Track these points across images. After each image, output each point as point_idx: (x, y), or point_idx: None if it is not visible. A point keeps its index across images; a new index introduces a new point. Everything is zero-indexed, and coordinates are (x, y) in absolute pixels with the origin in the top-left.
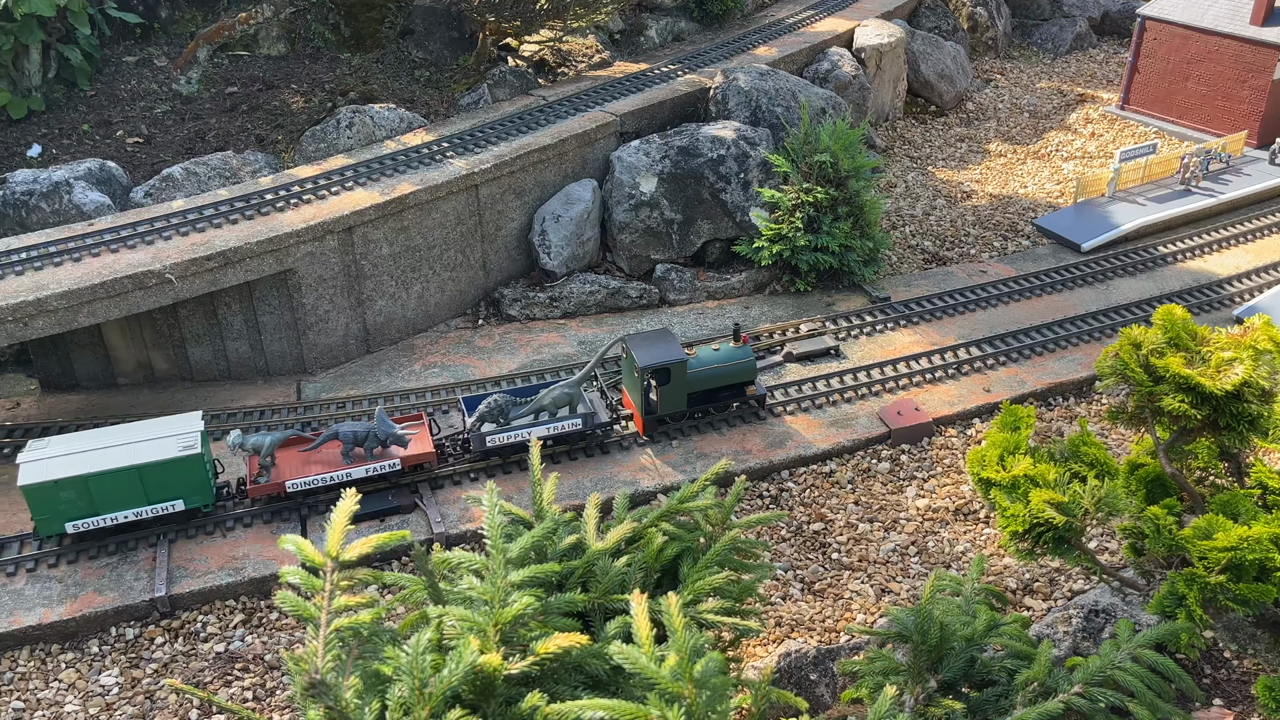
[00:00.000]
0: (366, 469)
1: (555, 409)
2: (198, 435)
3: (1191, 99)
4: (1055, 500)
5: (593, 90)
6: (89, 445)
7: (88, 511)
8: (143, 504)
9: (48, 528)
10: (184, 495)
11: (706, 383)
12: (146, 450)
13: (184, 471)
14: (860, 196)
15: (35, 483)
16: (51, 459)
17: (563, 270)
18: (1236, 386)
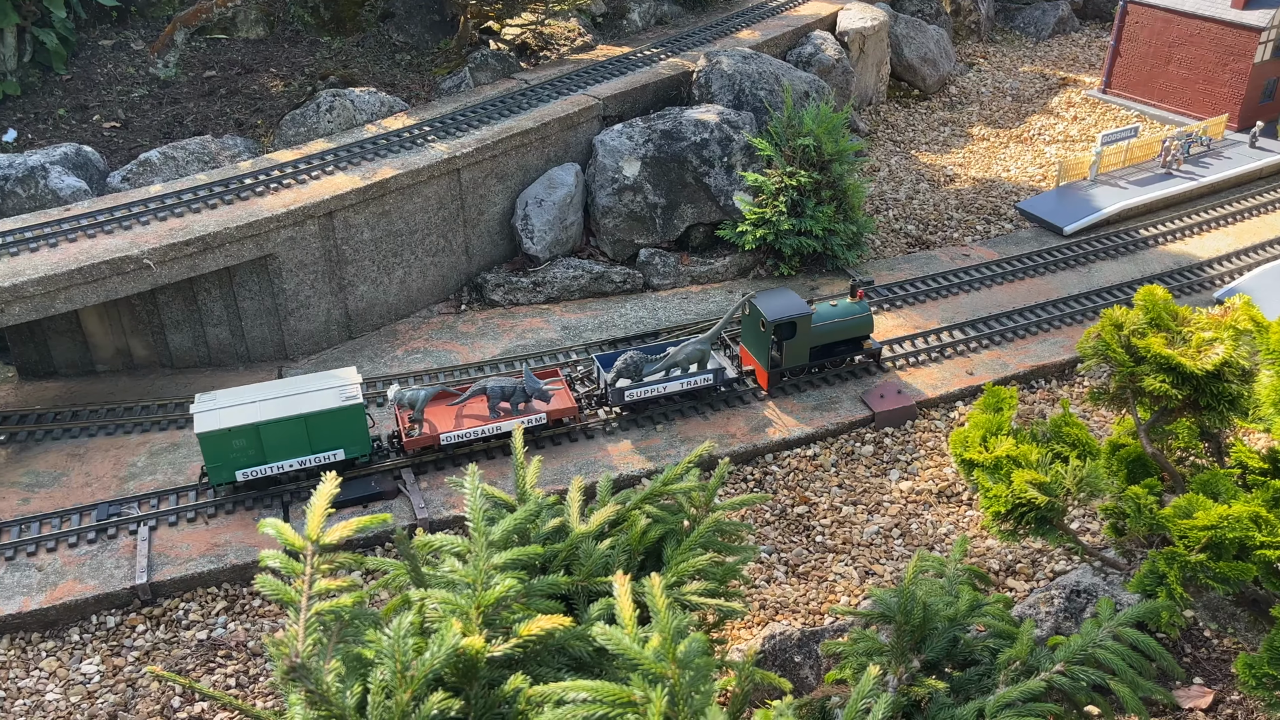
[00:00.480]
0: (513, 422)
1: (687, 365)
2: (358, 386)
3: (1173, 82)
4: (1037, 480)
5: (575, 73)
6: (255, 397)
7: (257, 460)
8: (307, 453)
9: (219, 475)
10: (345, 445)
11: (827, 336)
12: (312, 400)
13: (346, 421)
14: (843, 180)
15: (210, 430)
16: (222, 409)
17: (546, 255)
18: (1217, 366)
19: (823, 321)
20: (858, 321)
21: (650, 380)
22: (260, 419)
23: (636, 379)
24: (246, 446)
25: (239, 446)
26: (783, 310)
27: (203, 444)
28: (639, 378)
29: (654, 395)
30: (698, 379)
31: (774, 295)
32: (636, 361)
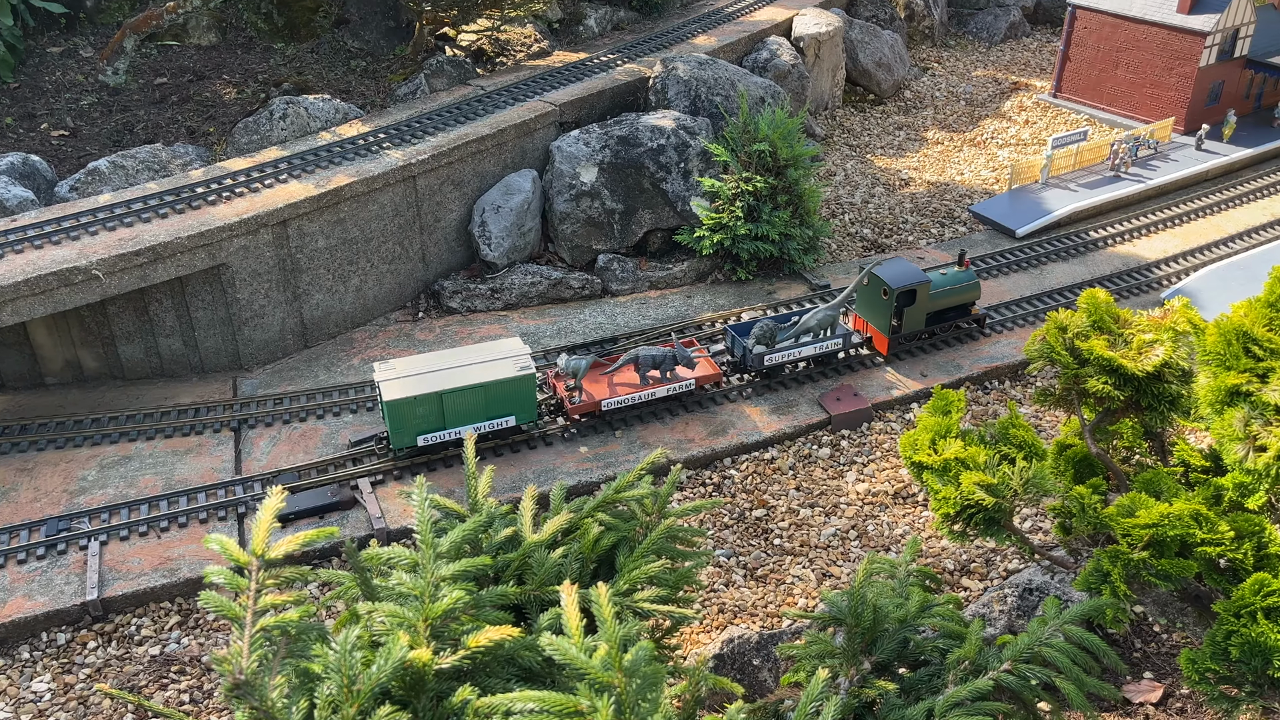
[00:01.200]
0: (667, 388)
1: (819, 330)
2: (529, 356)
3: (1121, 86)
4: (985, 482)
5: (531, 80)
6: (433, 366)
7: (437, 425)
8: (482, 419)
9: (400, 440)
10: (515, 412)
11: (942, 302)
12: (490, 370)
13: (519, 390)
14: (799, 185)
15: (397, 399)
16: (405, 378)
17: (504, 261)
18: (1157, 367)
19: (938, 289)
20: (967, 288)
21: (784, 345)
22: (444, 387)
23: (771, 345)
24: (428, 414)
25: (422, 414)
26: (904, 278)
27: (389, 411)
28: (773, 344)
29: (790, 359)
30: (828, 343)
31: (893, 264)
32: (770, 329)
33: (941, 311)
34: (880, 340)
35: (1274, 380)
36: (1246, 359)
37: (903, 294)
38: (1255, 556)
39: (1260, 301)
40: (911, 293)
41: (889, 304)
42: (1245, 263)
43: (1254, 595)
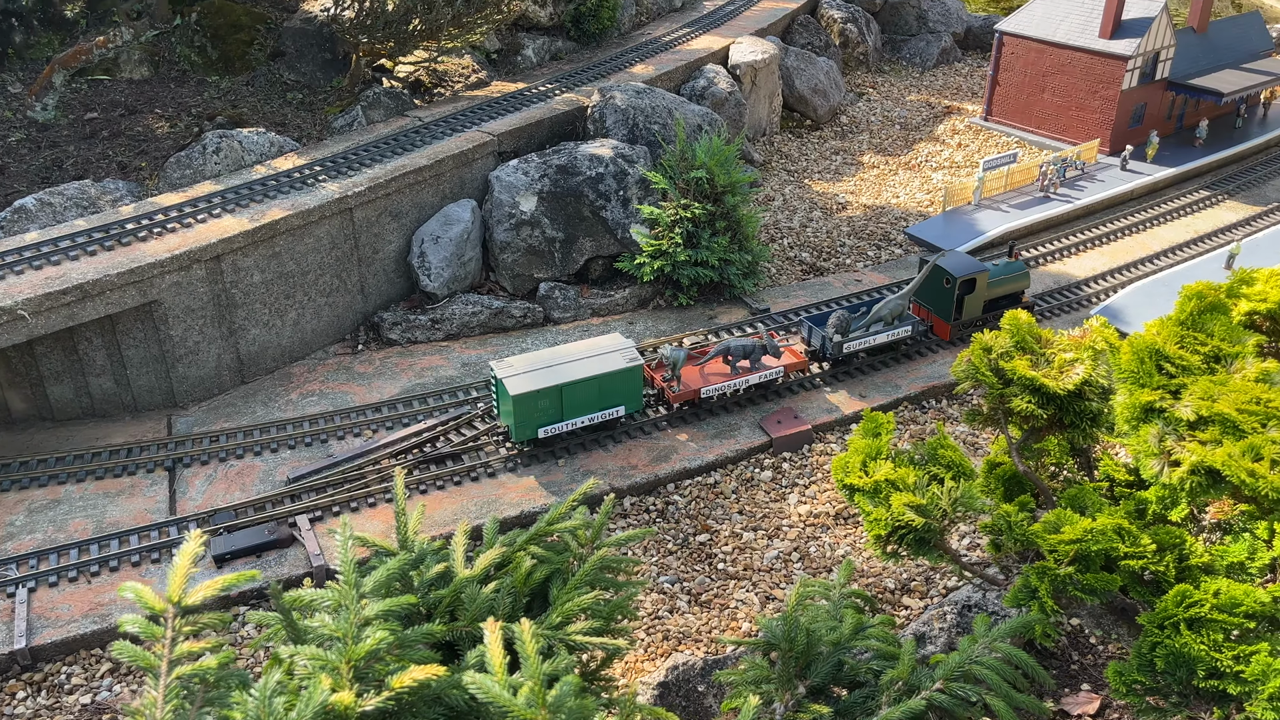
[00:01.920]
0: (759, 375)
1: (891, 318)
2: (634, 348)
3: (1048, 109)
4: (914, 503)
5: (470, 110)
6: (548, 361)
7: (556, 418)
8: (596, 410)
9: (523, 433)
10: (625, 402)
11: (997, 290)
12: (602, 362)
13: (628, 380)
14: (737, 211)
15: (523, 392)
16: (526, 373)
17: (444, 292)
18: (1078, 385)
19: (994, 278)
20: (1019, 277)
21: (857, 334)
22: (564, 380)
23: (846, 335)
24: (549, 406)
25: (543, 406)
26: (965, 268)
27: (516, 405)
28: (848, 333)
29: (865, 346)
30: (898, 330)
31: (953, 256)
32: (846, 319)
33: (996, 300)
34: (942, 327)
35: (1186, 396)
36: (1160, 376)
37: (964, 283)
38: (1177, 568)
39: (1171, 320)
40: (972, 281)
41: (951, 292)
42: (1169, 279)
43: (1176, 607)
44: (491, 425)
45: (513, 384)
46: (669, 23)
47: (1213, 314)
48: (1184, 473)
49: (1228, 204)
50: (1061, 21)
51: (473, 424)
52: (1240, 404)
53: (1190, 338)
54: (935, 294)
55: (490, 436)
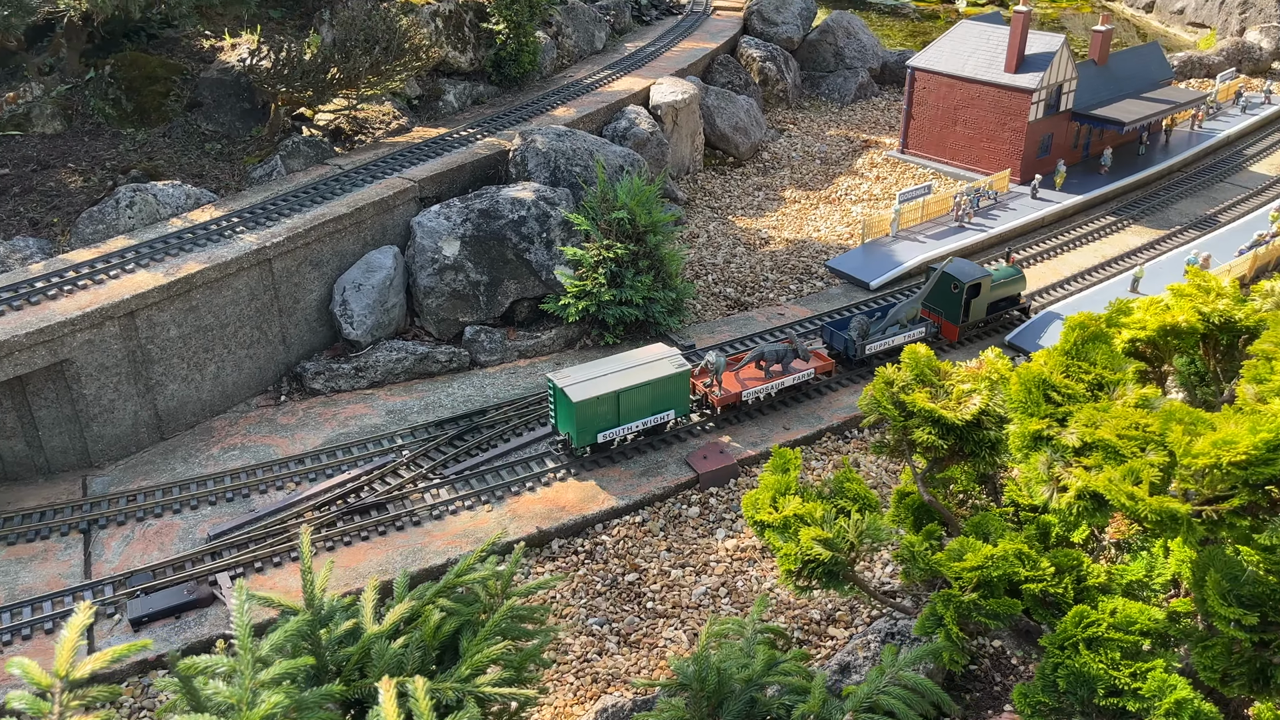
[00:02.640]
0: (794, 377)
1: (906, 321)
2: (680, 355)
3: (961, 141)
4: (821, 537)
5: (391, 157)
6: (602, 371)
7: (613, 423)
8: (649, 414)
9: (584, 439)
10: (674, 406)
11: (998, 294)
12: (653, 369)
13: (677, 385)
14: (660, 249)
15: (585, 399)
16: (584, 382)
17: (368, 339)
18: (975, 416)
19: (996, 282)
20: (1016, 280)
21: (874, 338)
22: (621, 387)
23: (866, 338)
24: (607, 412)
25: (602, 412)
26: (971, 274)
27: (578, 411)
28: (868, 337)
29: (885, 347)
30: (913, 331)
31: (959, 264)
32: (866, 324)
33: (997, 302)
34: (950, 329)
35: (1071, 424)
36: (1047, 405)
37: (971, 287)
38: (1075, 589)
39: (1058, 350)
40: (977, 286)
41: (959, 296)
42: (1078, 305)
43: (1075, 627)
44: (417, 473)
45: (574, 392)
46: (591, 65)
47: (1095, 343)
48: (1071, 498)
49: (1133, 228)
50: (969, 57)
51: (397, 472)
52: (1121, 429)
53: (1075, 367)
54: (944, 299)
55: (414, 485)
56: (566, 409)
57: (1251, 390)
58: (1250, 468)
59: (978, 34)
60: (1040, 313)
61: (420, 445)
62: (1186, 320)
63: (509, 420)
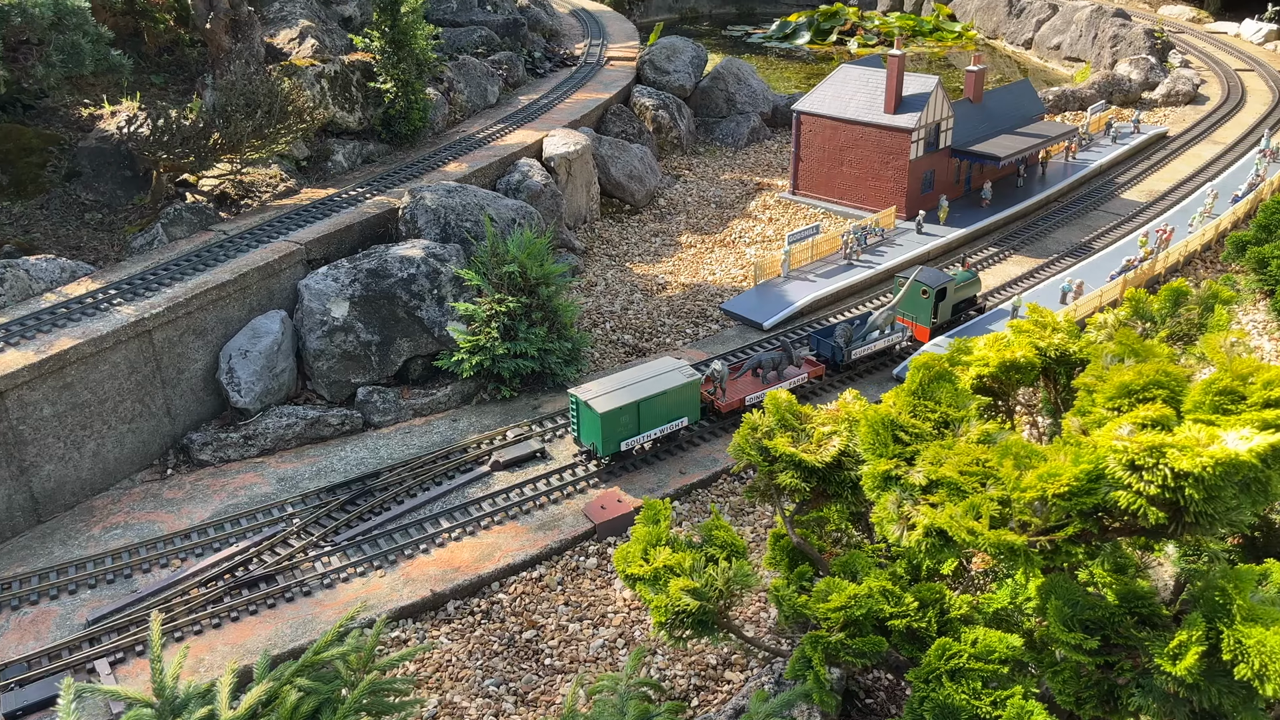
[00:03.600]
0: (789, 382)
1: (885, 326)
2: (689, 366)
3: (848, 181)
4: (690, 587)
5: (278, 220)
6: (620, 384)
7: (633, 431)
8: (665, 422)
9: (608, 448)
10: (687, 413)
11: (959, 295)
12: (667, 379)
13: (689, 393)
14: (554, 301)
15: (609, 410)
16: (605, 394)
17: (257, 406)
18: (836, 457)
19: (958, 285)
20: (973, 283)
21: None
22: (640, 397)
23: (850, 345)
24: (629, 421)
25: (624, 421)
26: (938, 280)
27: (603, 422)
28: (852, 344)
29: (869, 351)
30: (892, 336)
31: (927, 272)
32: (850, 331)
33: (959, 303)
34: (921, 332)
35: (919, 462)
36: (895, 445)
37: (938, 291)
38: (939, 622)
39: (904, 390)
40: (943, 290)
41: (929, 301)
42: (965, 335)
43: (939, 660)
44: (307, 541)
45: (598, 404)
46: (484, 119)
47: (940, 382)
48: (919, 535)
49: (1014, 258)
50: (850, 100)
51: (287, 541)
52: (963, 466)
53: (922, 406)
54: (914, 304)
55: (305, 554)
56: (591, 421)
57: (1076, 422)
58: (1074, 498)
59: (857, 77)
60: (926, 346)
61: (311, 512)
62: (1024, 355)
63: (403, 481)
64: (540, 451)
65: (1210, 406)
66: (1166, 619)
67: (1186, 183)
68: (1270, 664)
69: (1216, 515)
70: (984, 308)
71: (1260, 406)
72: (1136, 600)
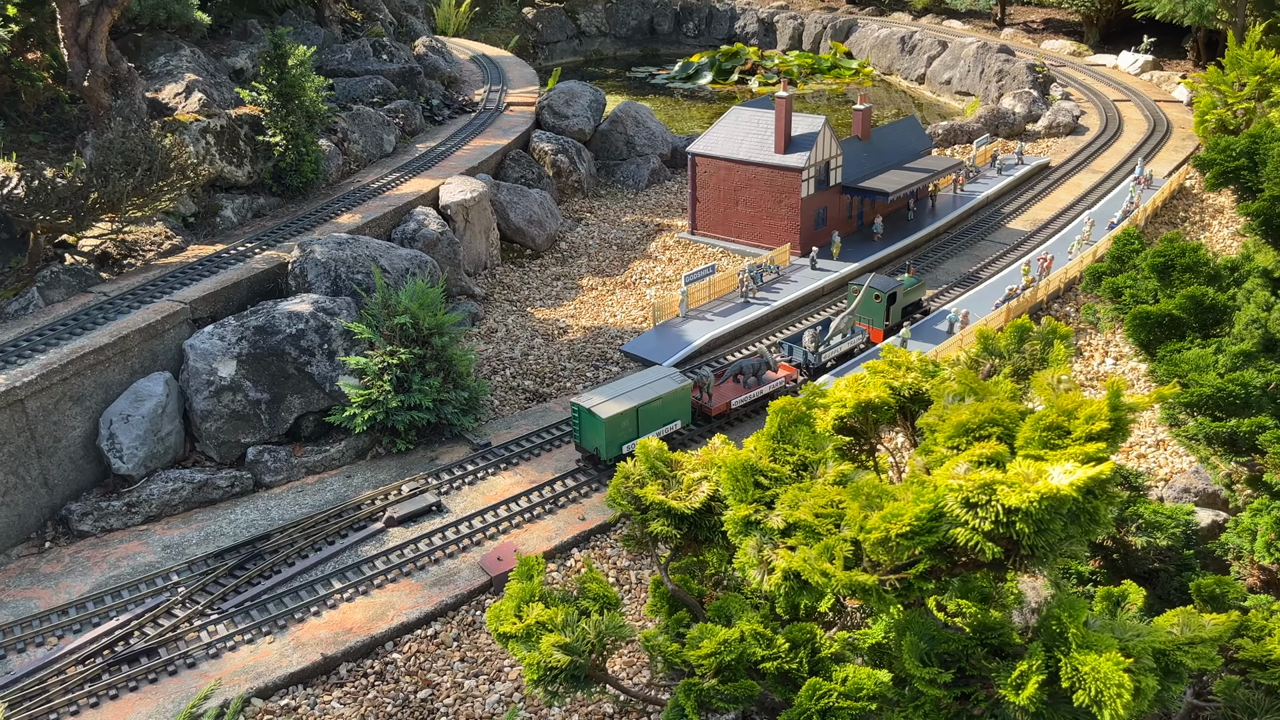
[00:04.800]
0: (770, 385)
1: (848, 329)
2: (679, 373)
3: (743, 220)
4: (560, 643)
5: (161, 279)
6: (618, 391)
7: (633, 435)
8: (661, 425)
9: (611, 451)
10: (680, 416)
11: (907, 299)
12: (661, 385)
13: (681, 398)
14: (448, 350)
15: (610, 415)
16: (607, 401)
17: (141, 471)
18: (705, 502)
19: (906, 290)
20: (919, 288)
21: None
22: (639, 402)
23: (819, 348)
24: (629, 425)
25: (624, 426)
26: (888, 286)
27: (607, 427)
28: (820, 347)
29: (837, 353)
30: (853, 339)
31: (879, 279)
32: (817, 335)
33: (908, 307)
34: (876, 334)
35: (778, 506)
36: (756, 490)
37: (890, 296)
38: (810, 662)
39: (764, 435)
40: (894, 295)
41: (882, 305)
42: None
43: (810, 700)
44: (193, 610)
45: (602, 410)
46: (380, 169)
47: (797, 426)
48: (778, 579)
49: None
50: (742, 141)
51: (172, 612)
52: (817, 509)
53: (781, 450)
54: (869, 309)
55: (190, 624)
56: (595, 427)
57: (920, 461)
58: (915, 537)
59: (748, 118)
60: (823, 377)
61: (198, 579)
62: (878, 396)
63: (294, 542)
64: (437, 505)
65: (1039, 442)
66: (1018, 648)
67: (1068, 211)
68: (1105, 690)
69: (1050, 546)
70: (929, 310)
71: (1083, 440)
72: (988, 631)
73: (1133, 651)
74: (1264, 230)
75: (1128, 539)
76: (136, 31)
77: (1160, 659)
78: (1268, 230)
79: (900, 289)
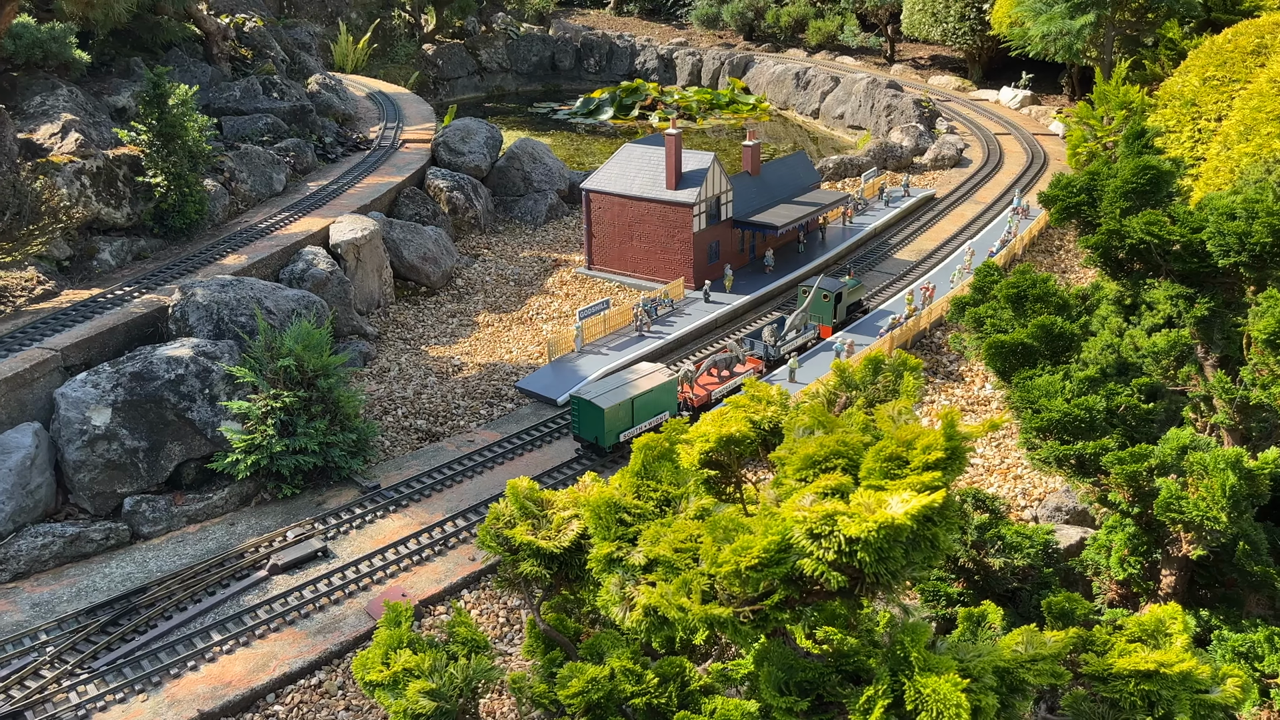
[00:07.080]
0: (739, 377)
1: (803, 326)
2: (665, 368)
3: (639, 254)
4: (426, 689)
5: (31, 326)
6: (613, 385)
7: (628, 424)
8: (652, 415)
9: (610, 439)
10: (668, 408)
11: (852, 298)
12: (653, 379)
13: (669, 390)
14: (334, 392)
15: (611, 405)
16: (605, 394)
17: (9, 527)
18: (575, 540)
19: (850, 290)
20: (860, 288)
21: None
22: (634, 394)
23: (778, 343)
24: (625, 415)
25: (621, 415)
26: (836, 286)
27: (607, 416)
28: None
29: (794, 346)
30: (807, 335)
31: (826, 281)
32: (774, 332)
33: (851, 306)
34: (826, 330)
35: (640, 542)
36: (619, 527)
37: (837, 296)
38: (679, 696)
39: (629, 471)
40: (840, 294)
41: (830, 304)
42: None
43: None
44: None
45: (601, 401)
46: (269, 208)
47: (661, 461)
48: (639, 615)
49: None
50: (634, 178)
51: (39, 673)
52: (676, 544)
53: (645, 486)
54: (819, 307)
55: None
56: (595, 417)
57: (772, 494)
58: (765, 569)
59: (640, 155)
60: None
61: (67, 638)
62: (739, 430)
63: (172, 595)
64: (323, 550)
65: (880, 473)
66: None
67: (951, 241)
68: (945, 711)
69: (893, 574)
70: (869, 309)
71: (921, 470)
72: (843, 658)
73: (972, 671)
74: (1103, 262)
75: (987, 560)
76: (11, 71)
77: (1004, 677)
78: (1106, 261)
79: (845, 289)
